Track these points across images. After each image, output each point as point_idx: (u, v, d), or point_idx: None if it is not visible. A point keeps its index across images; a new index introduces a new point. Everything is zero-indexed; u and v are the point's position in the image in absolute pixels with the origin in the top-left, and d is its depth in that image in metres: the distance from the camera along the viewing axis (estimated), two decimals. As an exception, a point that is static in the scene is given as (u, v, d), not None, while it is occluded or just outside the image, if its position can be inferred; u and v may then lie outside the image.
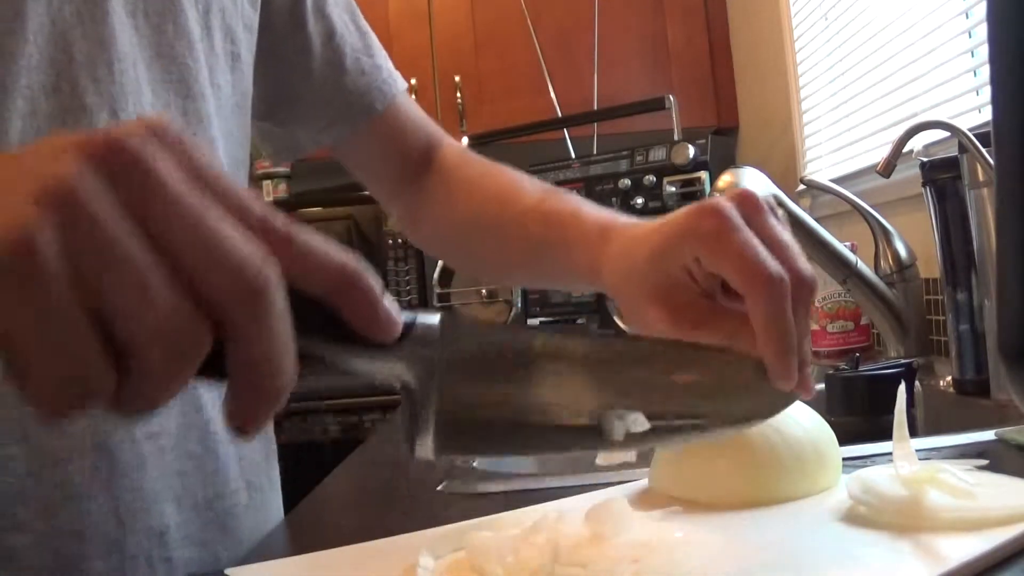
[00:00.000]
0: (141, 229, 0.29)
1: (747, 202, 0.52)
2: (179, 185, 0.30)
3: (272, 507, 0.75)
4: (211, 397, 0.66)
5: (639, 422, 0.43)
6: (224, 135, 0.70)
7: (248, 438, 0.34)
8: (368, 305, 0.34)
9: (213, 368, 0.31)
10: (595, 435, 0.42)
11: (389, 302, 0.35)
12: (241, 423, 0.32)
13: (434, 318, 0.38)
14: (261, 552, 0.62)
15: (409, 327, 0.36)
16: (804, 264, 0.50)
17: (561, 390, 0.41)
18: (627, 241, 0.58)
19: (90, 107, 0.58)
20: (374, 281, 0.34)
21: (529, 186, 0.76)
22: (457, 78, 2.46)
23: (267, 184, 2.45)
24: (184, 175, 0.31)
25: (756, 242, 0.49)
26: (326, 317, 0.34)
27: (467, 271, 0.89)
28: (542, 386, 0.41)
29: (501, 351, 0.40)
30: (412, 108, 0.87)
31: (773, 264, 0.48)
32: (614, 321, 1.91)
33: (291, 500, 0.77)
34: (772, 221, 0.52)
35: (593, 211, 0.66)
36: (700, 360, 0.46)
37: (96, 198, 0.29)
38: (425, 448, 0.39)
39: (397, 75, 0.86)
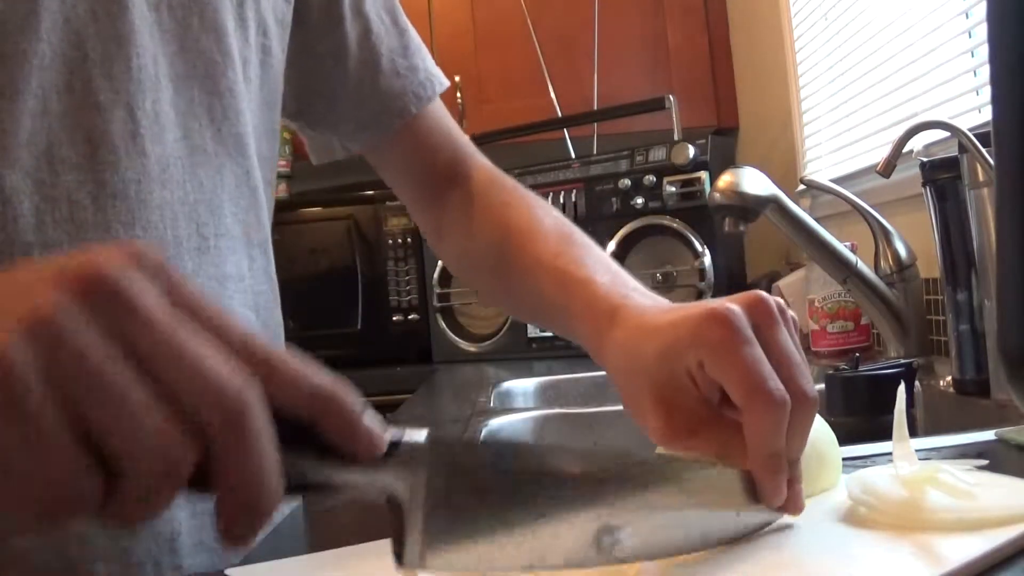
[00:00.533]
0: (124, 355, 0.31)
1: (759, 310, 0.51)
2: (159, 313, 0.32)
3: (286, 510, 0.75)
4: None
5: (628, 538, 0.43)
6: (256, 131, 0.69)
7: (240, 548, 0.35)
8: (349, 424, 0.35)
9: (202, 483, 0.32)
10: (588, 549, 0.43)
11: (371, 419, 0.35)
12: (231, 538, 0.33)
13: (421, 434, 0.38)
14: (261, 552, 0.62)
15: (396, 444, 0.37)
16: (808, 383, 0.49)
17: (550, 506, 0.42)
18: (634, 331, 0.56)
19: (104, 105, 0.58)
20: (355, 400, 0.35)
21: (551, 229, 0.73)
22: (457, 78, 2.46)
23: (267, 184, 2.45)
24: (165, 301, 0.32)
25: (762, 358, 0.49)
26: (310, 436, 0.35)
27: (482, 299, 0.88)
28: (530, 502, 0.41)
29: (489, 468, 0.40)
30: (444, 116, 0.85)
31: (775, 384, 0.48)
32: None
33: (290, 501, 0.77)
34: (783, 333, 0.51)
35: (607, 280, 0.63)
36: (692, 478, 0.47)
37: (77, 329, 0.30)
38: (412, 560, 0.39)
39: (436, 75, 0.84)
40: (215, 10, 0.64)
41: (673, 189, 1.90)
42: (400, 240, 2.27)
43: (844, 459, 0.59)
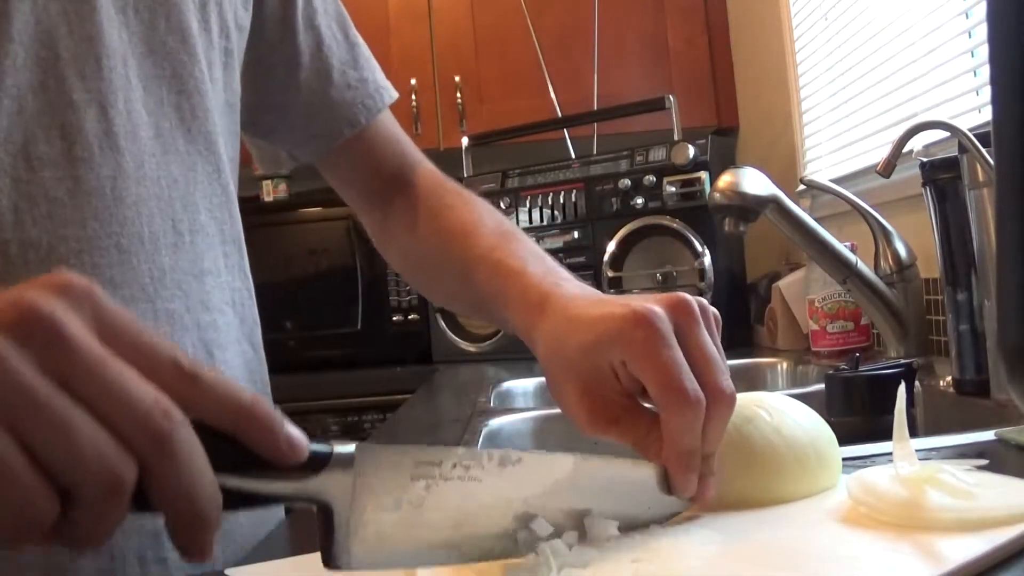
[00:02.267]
0: (59, 385, 0.33)
1: (681, 311, 0.53)
2: (86, 343, 0.34)
3: (269, 507, 0.75)
4: None
5: (542, 527, 0.47)
6: (223, 130, 0.70)
7: (197, 562, 0.37)
8: (269, 432, 0.37)
9: (148, 503, 0.35)
10: (507, 542, 0.46)
11: (292, 430, 0.38)
12: (183, 550, 0.36)
13: (350, 447, 0.41)
14: (261, 552, 0.62)
15: (327, 456, 0.40)
16: (726, 382, 0.52)
17: (471, 506, 0.45)
18: (561, 322, 0.58)
19: (78, 103, 0.59)
20: (274, 411, 0.38)
21: (489, 227, 0.76)
22: (457, 78, 2.46)
23: (267, 184, 2.45)
24: (91, 329, 0.35)
25: (680, 360, 0.51)
26: (241, 451, 0.37)
27: (429, 299, 0.92)
28: (452, 503, 0.44)
29: (415, 465, 0.43)
30: (392, 126, 0.87)
31: (691, 384, 0.51)
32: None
33: (291, 500, 0.77)
34: (703, 334, 0.53)
35: (539, 270, 0.65)
36: (608, 474, 0.50)
37: (12, 365, 0.33)
38: (340, 560, 0.42)
39: (386, 87, 0.85)
40: (180, 12, 0.65)
41: (673, 189, 1.90)
42: (400, 240, 2.27)
43: (844, 459, 0.59)
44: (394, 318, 2.29)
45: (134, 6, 0.63)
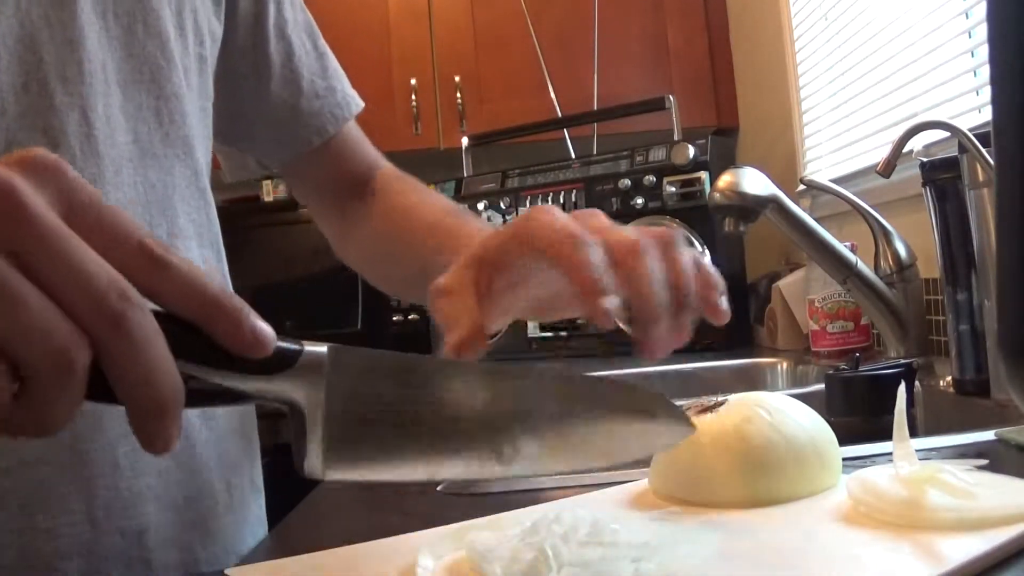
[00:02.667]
0: (14, 261, 0.32)
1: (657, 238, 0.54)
2: (45, 219, 0.33)
3: (252, 508, 0.75)
4: None
5: (529, 447, 0.44)
6: (199, 134, 0.70)
7: (159, 453, 0.36)
8: (235, 324, 0.36)
9: (107, 392, 0.34)
10: (488, 460, 0.43)
11: (259, 323, 0.37)
12: (144, 441, 0.35)
13: (322, 347, 0.40)
14: (261, 552, 0.62)
15: (297, 353, 0.39)
16: (634, 230, 0.53)
17: (451, 418, 0.42)
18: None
19: (59, 107, 0.59)
20: (241, 303, 0.37)
21: (441, 203, 0.77)
22: (457, 78, 2.46)
23: (267, 184, 2.45)
24: (53, 206, 0.34)
25: (584, 238, 0.52)
26: (207, 343, 0.36)
27: (387, 290, 0.93)
28: (432, 414, 0.42)
29: (390, 370, 0.41)
30: (356, 132, 0.88)
31: (581, 233, 0.52)
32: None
33: (290, 501, 0.77)
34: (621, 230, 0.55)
35: (486, 227, 0.66)
36: (597, 394, 0.47)
37: None
38: (314, 465, 0.40)
39: (352, 96, 0.87)
40: (157, 18, 0.65)
41: (673, 189, 1.90)
42: (400, 240, 2.27)
43: (844, 459, 0.59)
44: (394, 318, 2.28)
45: (113, 11, 0.63)
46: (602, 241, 0.52)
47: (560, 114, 2.34)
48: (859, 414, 0.94)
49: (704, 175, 1.87)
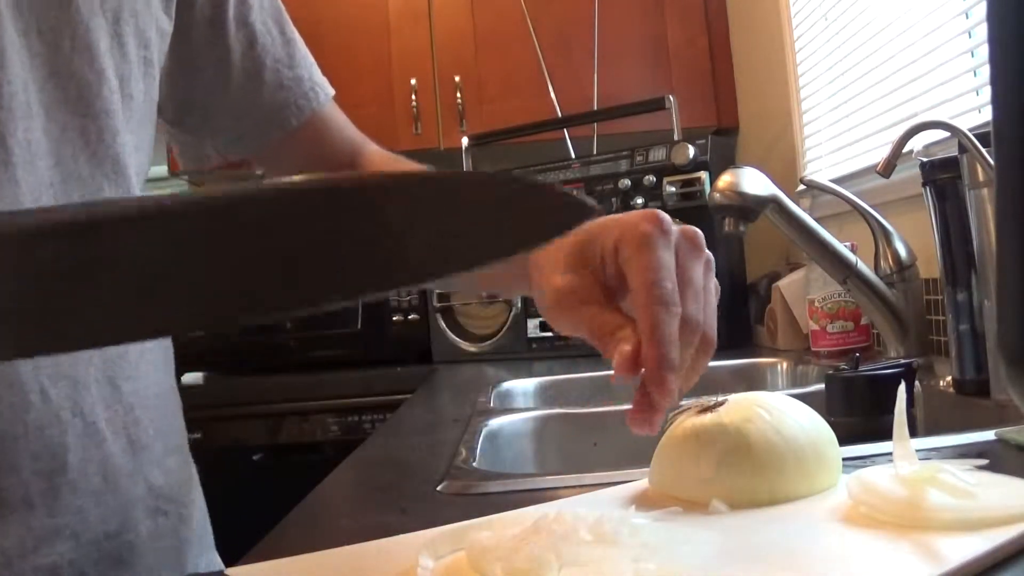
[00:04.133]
0: None
1: (690, 238, 0.54)
2: None
3: (189, 527, 0.72)
4: (112, 429, 0.64)
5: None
6: (133, 148, 0.67)
7: None
8: None
9: None
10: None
11: None
12: None
13: None
14: (261, 552, 0.62)
15: None
16: (698, 312, 0.52)
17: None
18: None
19: None
20: None
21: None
22: (457, 78, 2.46)
23: (267, 184, 2.44)
24: None
25: (670, 265, 0.51)
26: None
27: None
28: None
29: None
30: (337, 117, 0.85)
31: (671, 288, 0.51)
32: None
33: (290, 501, 0.77)
34: (699, 266, 0.54)
35: None
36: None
37: None
38: None
39: (321, 84, 0.83)
40: (87, 30, 0.62)
41: (673, 189, 1.90)
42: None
43: (844, 459, 0.59)
44: (394, 318, 2.28)
45: (37, 28, 0.60)
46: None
47: (560, 114, 2.34)
48: (859, 414, 0.94)
49: (704, 175, 1.87)
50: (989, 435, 0.69)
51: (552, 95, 2.38)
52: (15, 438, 0.57)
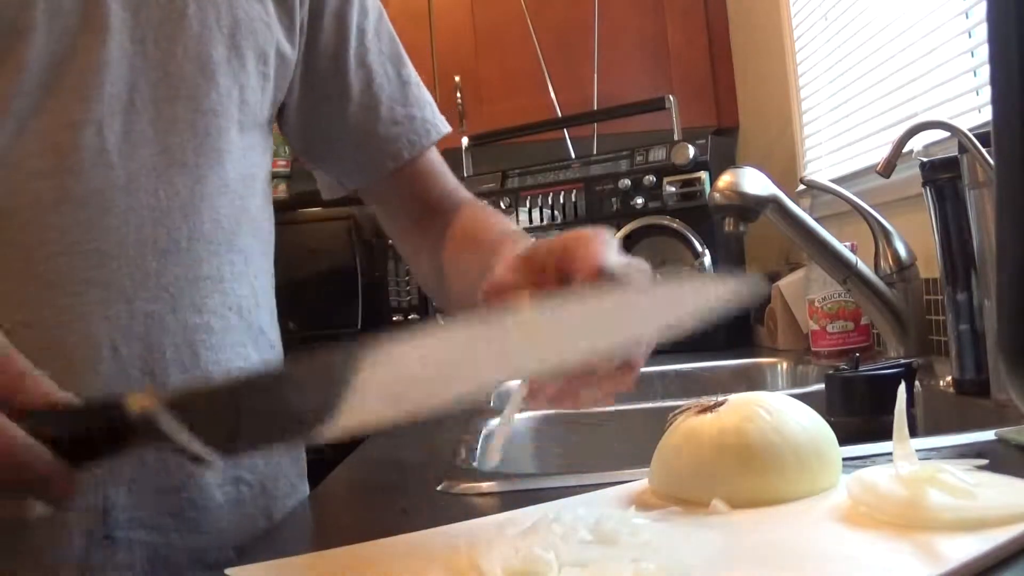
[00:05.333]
0: None
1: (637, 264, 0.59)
2: None
3: (289, 496, 0.78)
4: None
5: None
6: (241, 147, 0.74)
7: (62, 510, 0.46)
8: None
9: None
10: None
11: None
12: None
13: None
14: (261, 552, 0.61)
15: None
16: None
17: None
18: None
19: (76, 124, 0.64)
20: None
21: (499, 228, 0.81)
22: (457, 78, 2.46)
23: (267, 184, 2.44)
24: None
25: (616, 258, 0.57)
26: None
27: (449, 308, 0.96)
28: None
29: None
30: (439, 163, 0.91)
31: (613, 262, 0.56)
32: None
33: (291, 500, 0.77)
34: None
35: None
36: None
37: None
38: None
39: (434, 124, 0.90)
40: (200, 42, 0.71)
41: (673, 189, 1.90)
42: (400, 240, 2.26)
43: (844, 459, 0.59)
44: (394, 318, 2.28)
45: (153, 38, 0.68)
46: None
47: (560, 114, 2.34)
48: (859, 414, 0.94)
49: (704, 175, 1.87)
50: (989, 435, 0.69)
51: (552, 95, 2.38)
52: (88, 389, 0.60)
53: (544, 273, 0.58)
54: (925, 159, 1.05)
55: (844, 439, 0.61)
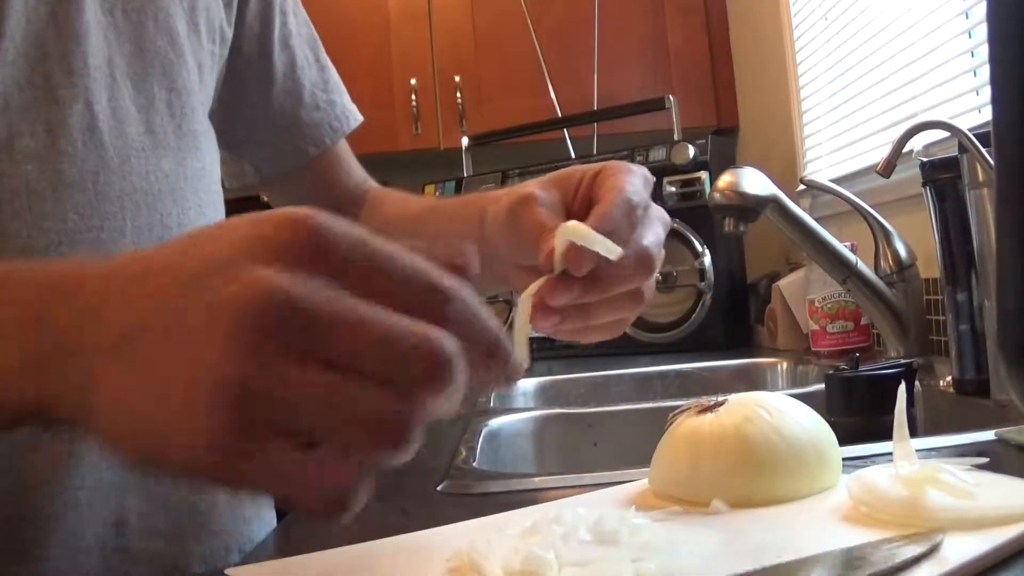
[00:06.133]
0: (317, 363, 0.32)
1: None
2: (333, 312, 0.32)
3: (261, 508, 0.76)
4: None
5: None
6: (207, 128, 0.72)
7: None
8: (501, 370, 0.37)
9: None
10: None
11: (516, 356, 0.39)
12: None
13: None
14: (261, 552, 0.62)
15: None
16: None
17: None
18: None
19: (63, 99, 0.60)
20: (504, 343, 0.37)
21: (433, 203, 0.80)
22: (457, 78, 2.46)
23: (267, 184, 2.45)
24: (328, 275, 0.33)
25: (644, 194, 0.57)
26: None
27: None
28: None
29: None
30: (348, 152, 0.90)
31: (641, 196, 0.56)
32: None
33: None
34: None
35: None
36: None
37: (303, 293, 0.32)
38: None
39: (351, 111, 0.88)
40: (168, 15, 0.67)
41: (673, 189, 1.89)
42: (400, 240, 2.26)
43: (844, 459, 0.59)
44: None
45: (122, 8, 0.65)
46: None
47: (560, 114, 2.34)
48: (859, 414, 0.94)
49: (704, 175, 1.87)
50: (989, 435, 0.69)
51: (552, 95, 2.38)
52: None
53: (574, 193, 0.59)
54: (925, 159, 1.05)
55: (844, 439, 0.61)
